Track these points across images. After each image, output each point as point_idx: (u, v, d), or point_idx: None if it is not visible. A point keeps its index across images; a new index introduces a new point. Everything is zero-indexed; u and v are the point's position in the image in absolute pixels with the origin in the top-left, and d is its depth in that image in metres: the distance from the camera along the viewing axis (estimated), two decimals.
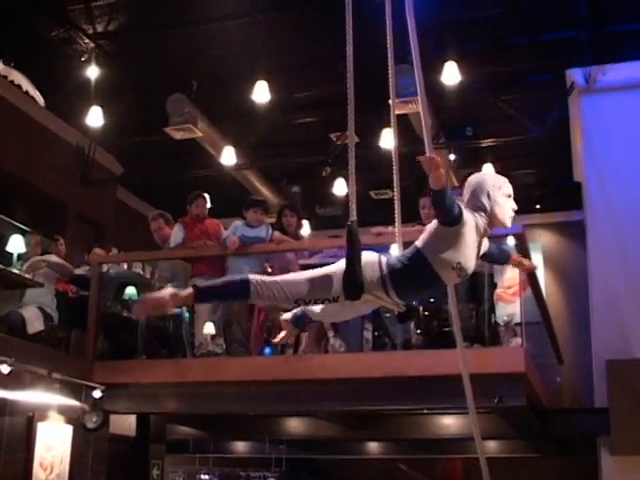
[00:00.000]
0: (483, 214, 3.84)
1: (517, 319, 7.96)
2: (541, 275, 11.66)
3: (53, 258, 8.96)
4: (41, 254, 9.03)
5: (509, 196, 3.94)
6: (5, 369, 6.90)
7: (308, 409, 8.93)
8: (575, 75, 10.15)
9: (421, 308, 8.27)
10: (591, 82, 9.97)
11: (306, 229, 11.58)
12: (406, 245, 3.98)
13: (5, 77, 10.36)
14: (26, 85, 10.70)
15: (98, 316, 8.72)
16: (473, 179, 3.97)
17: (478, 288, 8.01)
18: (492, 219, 3.87)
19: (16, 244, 8.73)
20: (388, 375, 7.45)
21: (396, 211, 4.21)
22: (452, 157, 12.34)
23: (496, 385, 7.01)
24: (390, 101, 4.36)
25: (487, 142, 11.65)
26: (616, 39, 9.77)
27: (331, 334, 8.41)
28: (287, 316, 4.21)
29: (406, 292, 3.82)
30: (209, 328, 8.46)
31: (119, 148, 12.53)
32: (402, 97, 9.70)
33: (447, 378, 6.29)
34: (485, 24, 9.61)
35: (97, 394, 8.14)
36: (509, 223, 3.93)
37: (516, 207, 3.94)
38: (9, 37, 9.72)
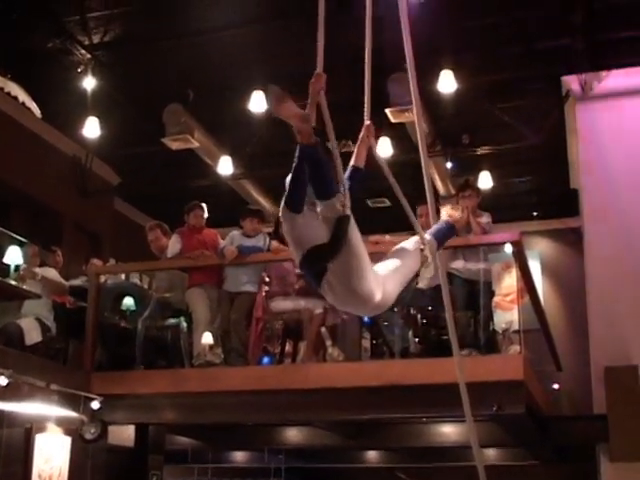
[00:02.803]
0: None
1: (515, 326, 7.95)
2: (539, 282, 11.66)
3: (50, 273, 8.94)
4: (39, 265, 9.02)
5: None
6: (3, 381, 6.89)
7: (307, 418, 8.92)
8: (571, 82, 10.17)
9: (419, 316, 8.28)
10: (587, 89, 9.99)
11: None
12: None
13: (1, 89, 10.36)
14: (22, 97, 10.70)
15: (96, 327, 8.73)
16: None
17: (476, 296, 8.01)
18: None
19: (13, 255, 8.72)
20: (386, 384, 7.44)
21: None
22: (449, 165, 12.35)
23: (495, 393, 7.01)
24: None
25: (483, 150, 11.64)
26: (611, 46, 9.77)
27: (329, 343, 8.40)
28: None
29: None
30: (207, 338, 8.45)
31: (116, 159, 12.51)
32: (398, 106, 9.76)
33: (446, 386, 6.27)
34: (481, 32, 9.62)
35: (95, 405, 8.13)
36: None
37: None
38: (5, 48, 9.72)
